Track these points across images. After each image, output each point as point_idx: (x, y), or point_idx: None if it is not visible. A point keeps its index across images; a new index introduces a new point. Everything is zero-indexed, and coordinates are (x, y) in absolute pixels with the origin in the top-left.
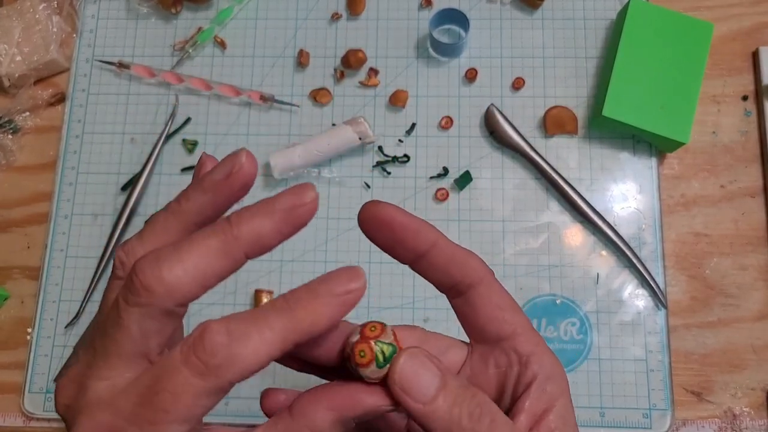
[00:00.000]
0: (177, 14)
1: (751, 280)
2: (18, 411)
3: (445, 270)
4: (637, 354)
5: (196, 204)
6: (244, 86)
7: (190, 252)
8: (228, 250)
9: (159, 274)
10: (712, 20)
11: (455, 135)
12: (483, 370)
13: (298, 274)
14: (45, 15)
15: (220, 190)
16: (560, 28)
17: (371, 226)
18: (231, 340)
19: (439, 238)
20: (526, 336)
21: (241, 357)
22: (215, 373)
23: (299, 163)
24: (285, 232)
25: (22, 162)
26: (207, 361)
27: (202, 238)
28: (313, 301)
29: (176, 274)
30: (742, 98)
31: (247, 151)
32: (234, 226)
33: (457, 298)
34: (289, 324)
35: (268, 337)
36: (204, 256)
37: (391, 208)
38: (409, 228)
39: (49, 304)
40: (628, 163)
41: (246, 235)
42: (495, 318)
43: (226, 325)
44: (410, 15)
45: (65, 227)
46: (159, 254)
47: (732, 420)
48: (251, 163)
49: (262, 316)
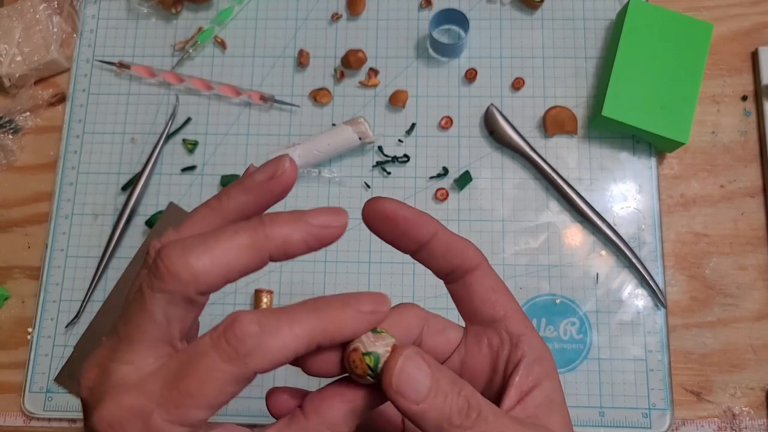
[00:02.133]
0: (177, 14)
1: (751, 280)
2: (18, 411)
3: (445, 257)
4: (636, 354)
5: (237, 202)
6: (245, 86)
7: (218, 243)
8: (257, 247)
9: (186, 261)
10: (711, 20)
11: (455, 135)
12: (477, 349)
13: (298, 274)
14: (45, 15)
15: (262, 192)
16: (560, 28)
17: (375, 221)
18: (262, 331)
19: (438, 229)
20: (517, 318)
21: (270, 347)
22: (244, 360)
23: (299, 163)
24: (311, 246)
25: (22, 162)
26: (237, 347)
27: (233, 232)
28: (342, 310)
29: (203, 262)
30: (742, 98)
31: (290, 158)
32: (267, 226)
33: (454, 283)
34: (318, 325)
35: (297, 333)
36: (232, 249)
37: (393, 203)
38: (411, 220)
39: (50, 304)
40: (627, 163)
41: (276, 237)
42: (489, 300)
43: (257, 316)
44: (410, 15)
45: (66, 227)
46: (186, 242)
47: (731, 419)
48: (293, 168)
49: (293, 313)
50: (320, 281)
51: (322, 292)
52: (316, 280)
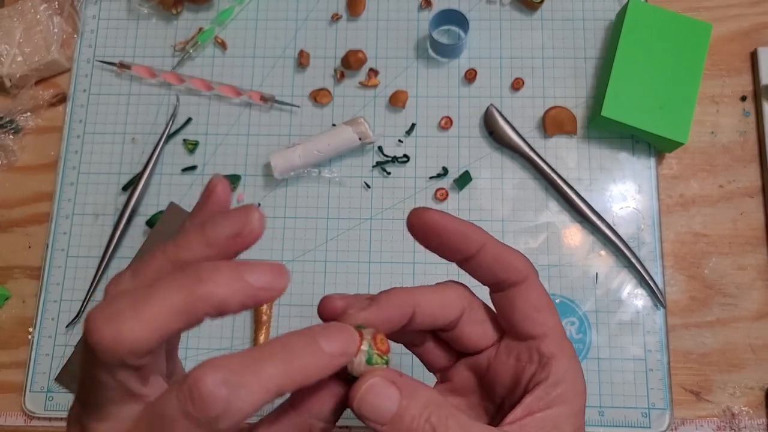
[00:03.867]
0: (178, 15)
1: (750, 279)
2: (19, 410)
3: (491, 270)
4: (636, 353)
5: (197, 256)
6: (245, 87)
7: (149, 308)
8: (190, 311)
9: (116, 334)
10: (710, 21)
11: (455, 135)
12: (505, 358)
13: (298, 274)
14: (46, 15)
15: (226, 248)
16: (559, 28)
17: (421, 232)
18: (229, 393)
19: (487, 240)
20: (554, 338)
21: (238, 408)
22: (214, 423)
23: (299, 163)
24: (247, 306)
25: (23, 162)
26: (206, 413)
27: (165, 292)
28: (311, 355)
29: (134, 332)
30: (741, 98)
31: (260, 212)
32: (204, 285)
33: (498, 293)
34: (285, 376)
35: (265, 386)
36: (164, 313)
37: (438, 215)
38: (458, 233)
39: (50, 304)
40: (627, 163)
41: (212, 299)
42: (530, 318)
43: (223, 374)
44: (410, 16)
45: (66, 227)
46: (114, 309)
47: (730, 419)
48: (262, 225)
49: (259, 362)
50: (320, 281)
51: (322, 292)
52: (316, 280)
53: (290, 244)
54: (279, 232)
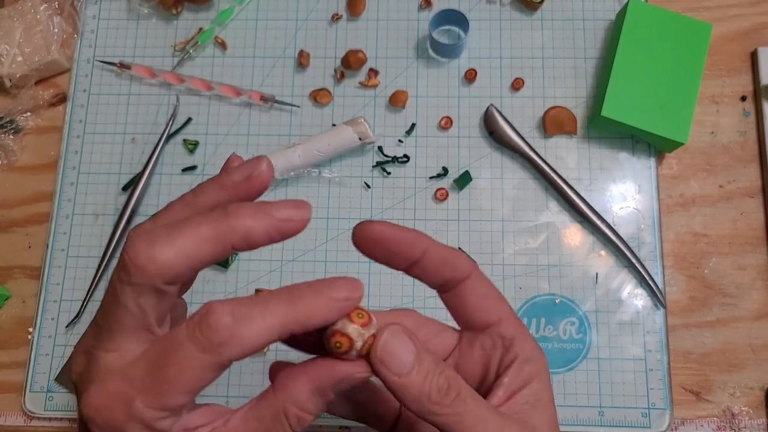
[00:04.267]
0: (178, 15)
1: (750, 279)
2: (19, 410)
3: (437, 271)
4: (636, 353)
5: (212, 198)
6: (245, 87)
7: (182, 234)
8: (220, 238)
9: (150, 253)
10: (710, 21)
11: (455, 135)
12: (470, 352)
13: (298, 274)
14: (46, 15)
15: (238, 190)
16: (559, 28)
17: (366, 245)
18: (235, 321)
19: (429, 244)
20: (510, 322)
21: (243, 337)
22: (218, 350)
23: (299, 164)
24: (273, 238)
25: (23, 162)
26: (211, 338)
27: (197, 224)
28: (314, 298)
29: (167, 254)
30: (741, 98)
31: (268, 160)
32: (231, 217)
33: (447, 293)
34: (290, 314)
35: (269, 322)
36: (196, 240)
37: (381, 226)
38: (401, 240)
39: (50, 304)
40: (627, 163)
41: (239, 228)
42: (482, 307)
43: (231, 306)
44: (410, 16)
45: (66, 227)
46: (151, 234)
47: (730, 419)
48: (270, 170)
49: (266, 302)
50: None
51: None
52: None
53: (290, 244)
54: None
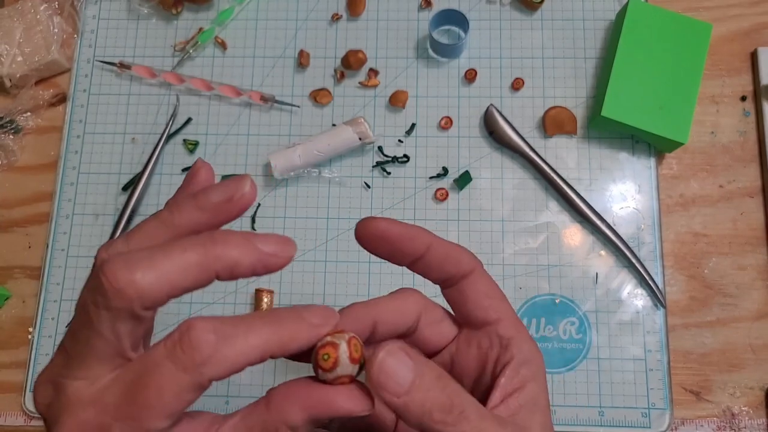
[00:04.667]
0: (178, 15)
1: (750, 279)
2: (19, 410)
3: (440, 267)
4: (636, 353)
5: (190, 220)
6: (245, 87)
7: (166, 259)
8: (204, 266)
9: (131, 277)
10: (710, 21)
11: (455, 135)
12: (467, 349)
13: (298, 274)
14: (46, 15)
15: (218, 213)
16: (559, 28)
17: (369, 241)
18: (218, 340)
19: (432, 240)
20: (509, 322)
21: (226, 357)
22: (199, 369)
23: (299, 163)
24: (256, 271)
25: (23, 162)
26: (192, 357)
27: (181, 249)
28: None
29: (149, 279)
30: (741, 98)
31: (251, 180)
32: (218, 246)
33: (449, 288)
34: (273, 336)
35: (253, 343)
36: (180, 266)
37: (384, 222)
38: (405, 236)
39: (50, 304)
40: (627, 163)
41: (226, 259)
42: (483, 305)
43: (213, 324)
44: (410, 16)
45: (66, 227)
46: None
47: (730, 419)
48: (253, 192)
49: (249, 322)
50: (320, 281)
51: (322, 292)
52: (317, 279)
53: None
54: (279, 232)
